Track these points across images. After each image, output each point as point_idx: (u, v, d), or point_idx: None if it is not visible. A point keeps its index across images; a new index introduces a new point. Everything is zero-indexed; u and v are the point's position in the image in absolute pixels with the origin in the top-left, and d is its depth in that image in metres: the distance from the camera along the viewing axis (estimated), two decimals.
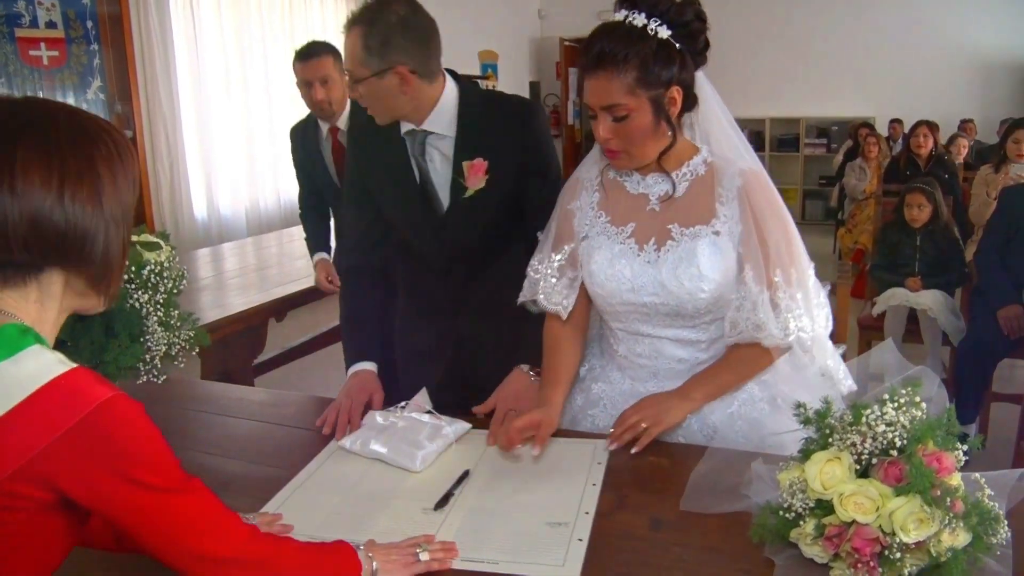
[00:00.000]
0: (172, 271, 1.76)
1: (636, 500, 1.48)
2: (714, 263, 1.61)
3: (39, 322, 1.00)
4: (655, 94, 1.55)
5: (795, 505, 1.24)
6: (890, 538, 1.15)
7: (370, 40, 1.74)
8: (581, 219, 1.74)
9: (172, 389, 2.00)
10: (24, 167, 0.93)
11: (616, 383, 1.81)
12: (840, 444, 1.24)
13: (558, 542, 1.35)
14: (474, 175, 1.86)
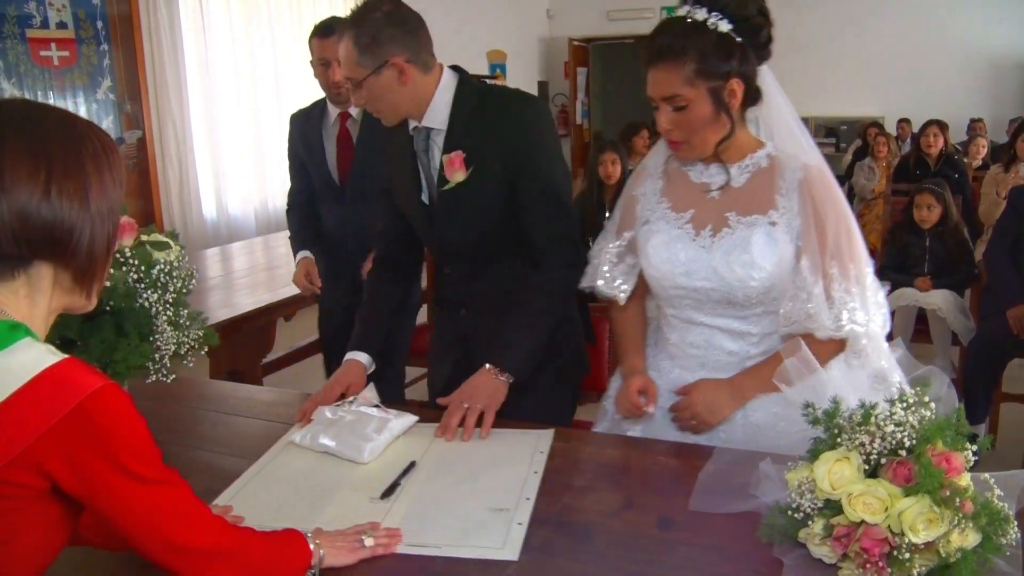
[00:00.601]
0: (181, 270, 1.77)
1: (644, 499, 1.49)
2: (767, 253, 1.63)
3: (29, 318, 1.01)
4: (714, 85, 1.58)
5: (804, 505, 1.24)
6: (899, 538, 1.15)
7: (361, 39, 1.79)
8: (644, 204, 1.79)
9: (181, 388, 2.00)
10: (12, 162, 0.96)
11: (665, 372, 1.83)
12: (849, 444, 1.24)
13: (499, 526, 1.40)
14: (450, 167, 1.87)
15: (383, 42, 1.79)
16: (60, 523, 1.04)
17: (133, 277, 1.67)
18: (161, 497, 1.03)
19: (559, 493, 1.51)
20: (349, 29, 1.80)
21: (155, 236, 1.77)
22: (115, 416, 0.98)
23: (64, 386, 0.95)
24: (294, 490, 1.56)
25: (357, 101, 1.91)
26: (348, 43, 1.80)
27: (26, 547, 1.01)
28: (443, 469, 1.62)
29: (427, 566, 1.31)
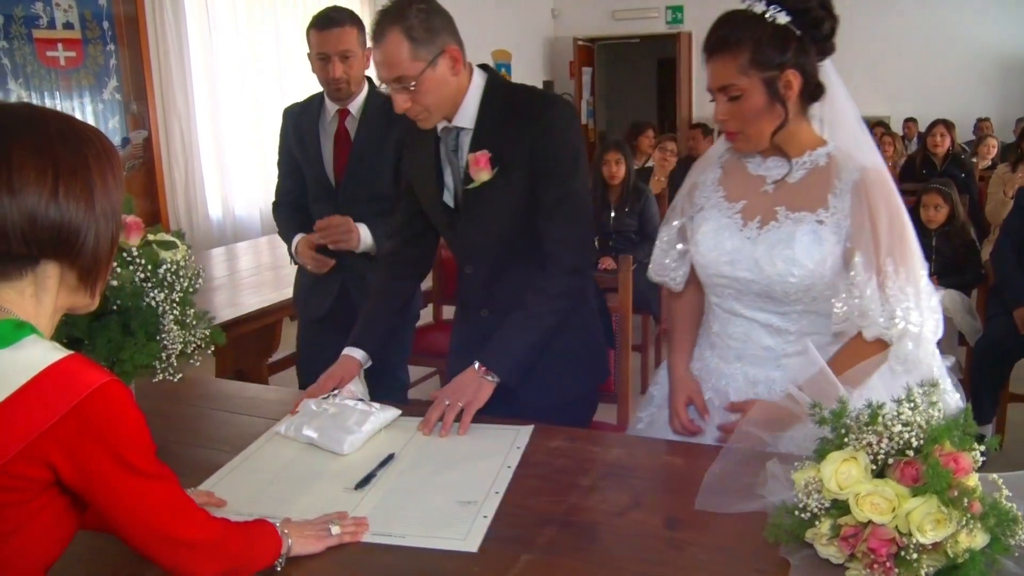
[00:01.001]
0: (188, 270, 1.77)
1: (651, 499, 1.49)
2: (809, 250, 1.64)
3: (35, 317, 1.04)
4: (769, 75, 1.60)
5: (810, 505, 1.23)
6: (907, 539, 1.14)
7: (416, 32, 1.73)
8: (702, 192, 1.82)
9: (187, 387, 2.00)
10: (20, 164, 0.98)
11: (706, 360, 1.86)
12: (856, 444, 1.23)
13: (464, 518, 1.43)
14: (475, 166, 1.84)
15: (437, 30, 1.76)
16: (65, 516, 1.06)
17: (140, 276, 1.66)
18: (155, 490, 1.07)
19: (565, 492, 1.50)
20: (395, 24, 1.73)
21: (162, 235, 1.77)
22: (117, 411, 1.01)
23: (69, 381, 0.98)
24: (273, 479, 1.61)
25: (401, 105, 1.80)
26: (398, 38, 1.73)
27: (32, 540, 1.03)
28: (420, 462, 1.66)
29: (390, 555, 1.34)
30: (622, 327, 2.37)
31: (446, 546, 1.35)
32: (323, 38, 2.56)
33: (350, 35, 2.57)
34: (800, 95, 1.65)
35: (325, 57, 2.58)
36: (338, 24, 2.55)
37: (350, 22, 2.58)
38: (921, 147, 6.86)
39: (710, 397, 1.82)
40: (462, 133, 1.89)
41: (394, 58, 1.74)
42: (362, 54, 2.61)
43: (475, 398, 1.79)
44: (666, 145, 6.24)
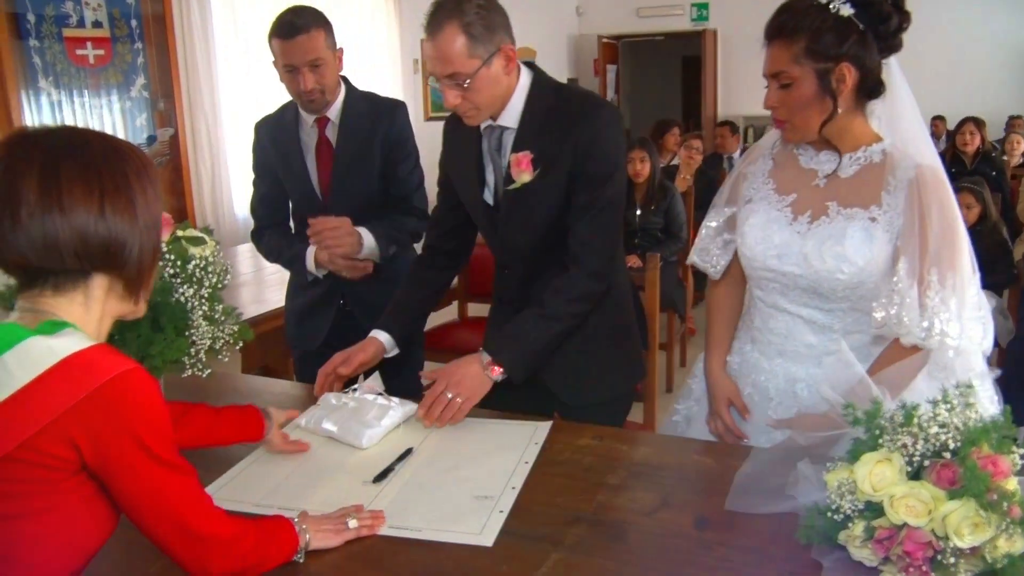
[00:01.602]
0: (216, 266, 1.77)
1: (680, 499, 1.47)
2: (860, 247, 1.62)
3: (82, 323, 1.10)
4: (822, 67, 1.58)
5: (844, 507, 1.21)
6: (944, 543, 1.12)
7: (474, 28, 1.70)
8: (751, 183, 1.81)
9: (215, 383, 2.02)
10: (69, 186, 1.05)
11: (747, 355, 1.85)
12: (891, 445, 1.21)
13: (480, 513, 1.44)
14: (517, 167, 1.82)
15: (495, 28, 1.73)
16: (96, 503, 1.09)
17: (169, 272, 1.67)
18: (174, 481, 1.09)
19: (593, 491, 1.50)
20: (453, 18, 1.69)
21: (190, 231, 1.78)
22: (140, 396, 1.05)
23: (95, 365, 1.03)
24: (292, 473, 1.63)
25: (451, 101, 1.77)
26: (455, 33, 1.69)
27: (65, 521, 1.06)
28: (439, 456, 1.67)
29: (411, 550, 1.35)
30: (650, 326, 2.36)
31: (461, 540, 1.36)
32: (288, 48, 2.24)
33: (317, 40, 2.25)
34: (856, 90, 1.62)
35: (293, 68, 2.27)
36: (303, 30, 2.22)
37: (315, 24, 2.26)
38: (950, 145, 6.77)
39: (749, 392, 1.81)
40: (505, 132, 1.87)
41: (449, 54, 1.70)
42: (334, 56, 2.32)
43: (474, 394, 1.77)
44: (692, 143, 6.21)
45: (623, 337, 2.04)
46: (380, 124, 2.38)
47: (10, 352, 1.02)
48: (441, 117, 7.41)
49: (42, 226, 1.03)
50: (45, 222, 1.03)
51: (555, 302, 1.83)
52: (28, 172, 1.04)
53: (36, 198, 1.03)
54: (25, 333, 1.04)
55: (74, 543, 1.08)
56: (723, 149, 7.14)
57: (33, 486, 1.02)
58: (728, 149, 7.11)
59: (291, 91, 2.34)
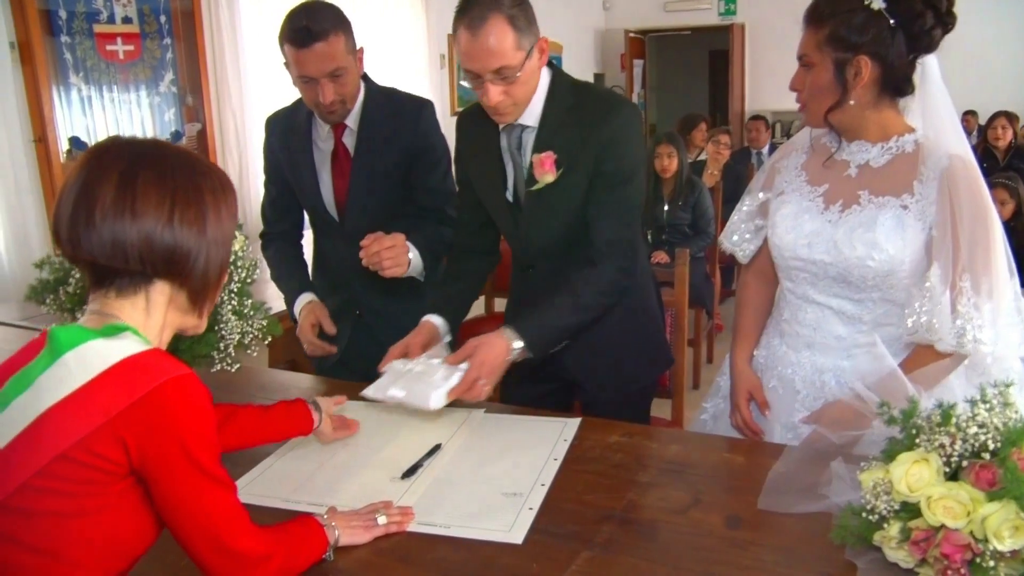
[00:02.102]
0: (245, 260, 1.78)
1: (711, 497, 1.45)
2: (892, 235, 1.60)
3: (143, 328, 1.13)
4: (840, 57, 1.57)
5: (879, 507, 1.19)
6: (983, 545, 1.10)
7: (518, 20, 1.67)
8: (784, 176, 1.81)
9: (242, 377, 2.01)
10: (144, 192, 1.09)
11: (775, 348, 1.84)
12: (928, 445, 1.19)
13: (509, 510, 1.43)
14: (540, 168, 1.81)
15: (532, 19, 1.71)
16: (143, 507, 1.10)
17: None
18: (212, 492, 1.10)
19: (623, 489, 1.48)
20: (496, 12, 1.65)
21: None
22: (189, 403, 1.06)
23: (149, 369, 1.06)
24: (319, 468, 1.62)
25: (494, 97, 1.72)
26: (502, 26, 1.66)
27: (115, 523, 1.08)
28: (467, 452, 1.66)
29: (435, 544, 1.35)
30: (678, 322, 2.34)
31: (490, 537, 1.35)
32: (304, 58, 1.97)
33: (336, 46, 1.98)
34: (878, 86, 1.60)
35: (310, 79, 2.01)
36: (320, 37, 1.94)
37: (334, 28, 1.97)
38: (981, 140, 6.68)
39: (774, 385, 1.79)
40: (525, 131, 1.85)
41: (499, 47, 1.66)
42: (355, 60, 2.07)
43: (495, 376, 1.75)
44: (719, 138, 6.16)
45: (647, 328, 2.03)
46: (403, 129, 2.17)
47: (72, 352, 1.05)
48: None
49: (112, 227, 1.07)
50: (115, 224, 1.07)
51: (588, 292, 1.82)
52: (108, 177, 1.08)
53: (111, 201, 1.07)
54: (88, 335, 1.07)
55: (120, 545, 1.09)
56: (756, 144, 7.06)
57: (84, 486, 1.04)
58: (759, 144, 7.03)
59: (307, 101, 2.09)
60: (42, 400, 1.04)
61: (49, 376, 1.05)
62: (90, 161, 1.11)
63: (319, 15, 1.96)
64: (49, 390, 1.04)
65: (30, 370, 1.07)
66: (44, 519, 1.03)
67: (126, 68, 4.62)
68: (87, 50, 4.37)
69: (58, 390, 1.04)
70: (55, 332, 1.08)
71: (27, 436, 1.03)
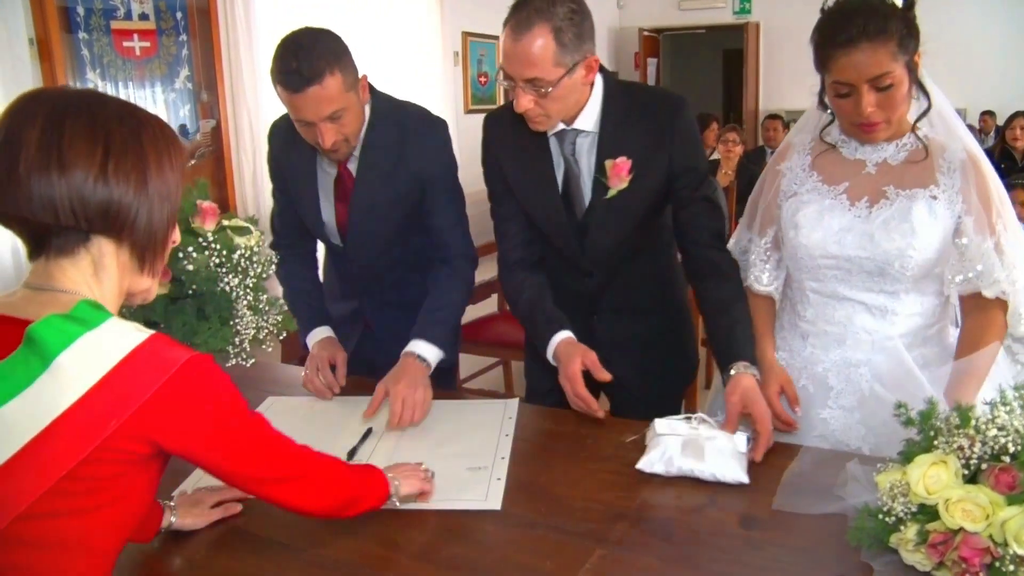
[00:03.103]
0: (261, 256, 1.78)
1: (725, 497, 1.45)
2: (928, 224, 1.63)
3: (100, 299, 1.07)
4: (910, 59, 1.57)
5: (896, 509, 1.18)
6: (1002, 549, 1.09)
7: (565, 35, 1.61)
8: (791, 179, 1.79)
9: (257, 372, 2.03)
10: (71, 141, 1.00)
11: (797, 351, 1.83)
12: (946, 447, 1.18)
13: (479, 482, 1.54)
14: (616, 175, 1.77)
15: (584, 37, 1.64)
16: (153, 484, 1.11)
17: (215, 261, 1.68)
18: (254, 439, 1.14)
19: (638, 488, 1.48)
20: (543, 23, 1.59)
21: (236, 221, 1.79)
22: (208, 378, 1.06)
23: (157, 360, 1.02)
24: None
25: (523, 105, 1.67)
26: (545, 39, 1.60)
27: (136, 503, 1.08)
28: (421, 434, 1.76)
29: (425, 519, 1.42)
30: (695, 322, 2.34)
31: (470, 506, 1.45)
32: (299, 103, 1.75)
33: (333, 87, 1.73)
34: None
35: (307, 123, 1.79)
36: (315, 80, 1.70)
37: (328, 67, 1.72)
38: (999, 141, 6.63)
39: (804, 384, 1.77)
40: (580, 136, 1.80)
41: (535, 59, 1.61)
42: (357, 95, 1.83)
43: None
44: (727, 136, 6.12)
45: (682, 336, 2.02)
46: (411, 154, 1.95)
47: (66, 354, 0.97)
48: (482, 110, 7.44)
49: (39, 181, 0.98)
50: (42, 177, 0.98)
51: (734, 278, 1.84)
52: (32, 126, 1.00)
53: (35, 151, 0.99)
54: (75, 329, 0.99)
55: (132, 522, 1.10)
56: (772, 143, 7.02)
57: (109, 480, 1.02)
58: (776, 143, 7.00)
59: (309, 140, 1.86)
60: (45, 410, 0.96)
61: (47, 384, 0.96)
62: (13, 111, 1.02)
63: (312, 53, 1.71)
64: (52, 399, 0.96)
65: (11, 372, 0.97)
66: (63, 518, 1.00)
67: (142, 64, 4.65)
68: (104, 46, 4.39)
69: (63, 398, 0.96)
70: (37, 331, 0.97)
71: (33, 450, 0.96)
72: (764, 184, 1.87)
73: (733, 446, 1.52)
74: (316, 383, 1.96)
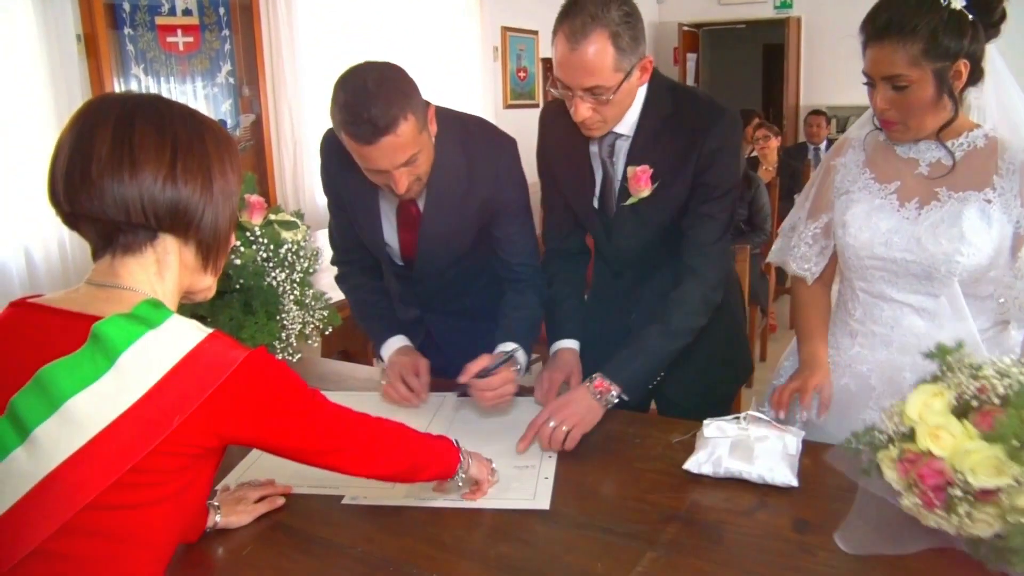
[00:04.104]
0: (307, 250, 1.78)
1: (777, 499, 1.42)
2: (979, 229, 1.57)
3: (162, 296, 1.10)
4: (940, 66, 1.51)
5: (889, 428, 1.23)
6: (958, 476, 1.12)
7: (622, 40, 1.57)
8: (844, 175, 1.76)
9: (300, 367, 2.01)
10: (141, 142, 1.04)
11: (844, 349, 1.80)
12: (950, 382, 1.21)
13: (527, 480, 1.52)
14: (636, 183, 1.75)
15: (639, 39, 1.60)
16: (211, 479, 1.15)
17: (262, 256, 1.68)
18: (315, 416, 1.17)
19: (687, 489, 1.46)
20: (600, 29, 1.55)
21: (283, 216, 1.79)
22: (268, 371, 1.09)
23: (218, 358, 1.04)
24: None
25: (583, 114, 1.64)
26: (604, 46, 1.56)
27: (197, 494, 1.12)
28: (461, 434, 1.64)
29: (473, 517, 1.41)
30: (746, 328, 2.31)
31: (519, 505, 1.43)
32: (372, 154, 1.61)
33: (407, 134, 1.59)
34: (965, 85, 1.56)
35: (381, 172, 1.67)
36: (389, 130, 1.56)
37: (403, 111, 1.57)
38: None
39: (845, 383, 1.75)
40: (619, 139, 1.78)
41: (594, 67, 1.57)
42: (428, 134, 1.70)
43: (582, 420, 1.64)
44: (757, 135, 6.02)
45: (734, 342, 1.98)
46: (478, 183, 1.83)
47: (129, 352, 0.99)
48: (521, 105, 7.44)
49: (111, 182, 1.02)
50: (114, 178, 1.02)
51: (678, 316, 1.75)
52: (103, 129, 1.03)
53: (107, 153, 1.02)
54: (138, 328, 1.01)
55: (191, 518, 1.12)
56: (814, 139, 6.91)
57: (174, 474, 1.04)
58: (818, 139, 6.89)
59: (375, 182, 1.75)
60: (111, 406, 0.99)
61: (112, 380, 0.99)
62: (83, 116, 1.06)
63: (380, 99, 1.55)
64: (118, 394, 0.99)
65: (78, 366, 0.99)
66: (127, 511, 1.02)
67: (184, 59, 4.69)
68: (149, 42, 4.44)
69: (129, 393, 0.99)
70: (102, 329, 0.99)
71: (101, 442, 0.98)
72: (821, 173, 1.84)
73: (784, 447, 1.48)
74: (401, 391, 1.86)
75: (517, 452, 1.64)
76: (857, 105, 9.77)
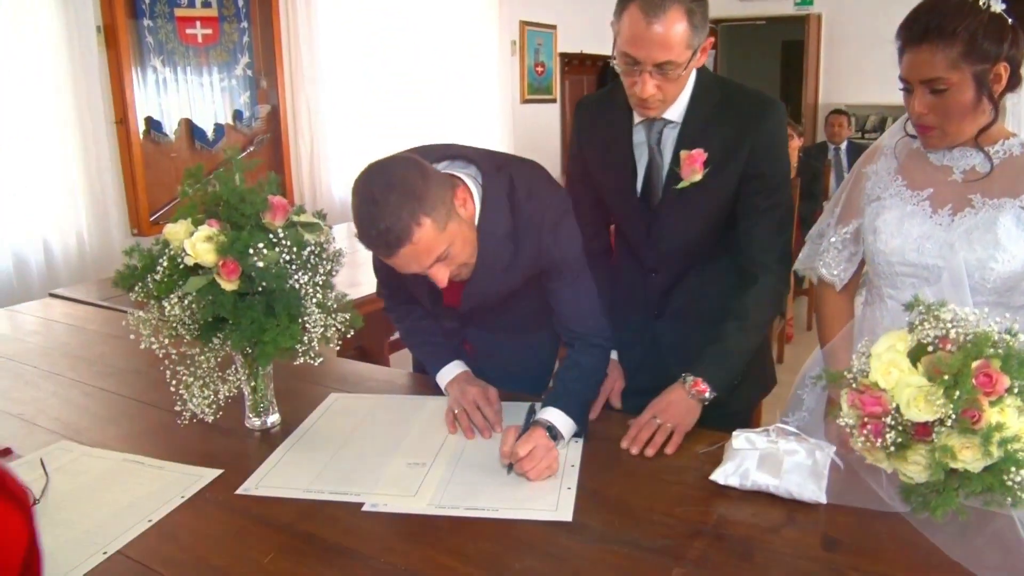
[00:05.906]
0: (330, 252, 1.76)
1: (805, 515, 1.39)
2: (1015, 236, 1.55)
3: None
4: (980, 69, 1.49)
5: (854, 366, 1.30)
6: (894, 407, 1.22)
7: (695, 17, 1.58)
8: (876, 182, 1.74)
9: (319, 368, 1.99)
10: None
11: None
12: (920, 330, 1.27)
13: (549, 491, 1.50)
14: (689, 166, 1.74)
15: (707, 19, 1.62)
16: None
17: (285, 258, 1.66)
18: None
19: (714, 502, 1.44)
20: (676, 5, 1.55)
21: (305, 217, 1.76)
22: None
23: None
24: (331, 457, 1.67)
25: (648, 90, 1.62)
26: (681, 20, 1.56)
27: None
28: (485, 440, 1.71)
29: (495, 529, 1.39)
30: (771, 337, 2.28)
31: (541, 517, 1.41)
32: (396, 263, 1.60)
33: (426, 238, 1.53)
34: (1004, 90, 1.54)
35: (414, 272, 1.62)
36: (403, 243, 1.52)
37: (413, 217, 1.51)
38: None
39: None
40: (667, 126, 1.78)
41: (671, 42, 1.57)
42: (460, 223, 1.62)
43: (684, 421, 1.66)
44: None
45: (758, 353, 1.95)
46: (526, 248, 1.74)
47: None
48: (538, 100, 7.39)
49: None
50: None
51: (757, 311, 1.77)
52: None
53: None
54: None
55: None
56: (835, 138, 6.82)
57: None
58: (839, 139, 6.80)
59: None
60: None
61: None
62: None
63: (391, 211, 1.50)
64: None
65: None
66: None
67: (203, 51, 4.69)
68: (168, 33, 4.44)
69: None
70: None
71: None
72: (852, 179, 1.82)
73: (813, 463, 1.46)
74: (478, 419, 1.76)
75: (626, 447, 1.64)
76: (877, 104, 9.68)
